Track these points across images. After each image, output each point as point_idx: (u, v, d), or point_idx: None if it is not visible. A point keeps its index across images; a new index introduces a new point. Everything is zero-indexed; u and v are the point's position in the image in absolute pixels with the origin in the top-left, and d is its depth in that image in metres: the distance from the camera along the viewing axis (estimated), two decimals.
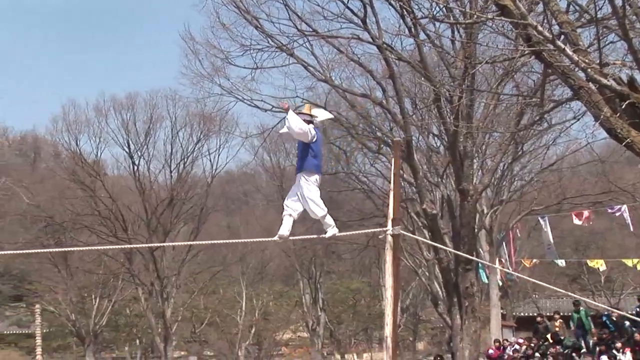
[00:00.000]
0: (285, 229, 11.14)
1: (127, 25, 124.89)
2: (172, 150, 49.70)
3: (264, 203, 63.25)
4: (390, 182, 11.34)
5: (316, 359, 52.02)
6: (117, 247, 45.55)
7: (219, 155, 51.26)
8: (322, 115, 11.68)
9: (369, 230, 21.76)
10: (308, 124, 10.87)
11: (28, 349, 52.17)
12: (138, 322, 56.12)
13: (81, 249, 43.17)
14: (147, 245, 43.97)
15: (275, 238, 11.34)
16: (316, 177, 11.09)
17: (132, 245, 42.73)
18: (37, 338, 50.54)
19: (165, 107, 49.57)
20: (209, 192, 51.63)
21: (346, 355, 55.44)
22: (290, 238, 11.67)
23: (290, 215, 11.13)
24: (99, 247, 43.59)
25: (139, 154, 50.01)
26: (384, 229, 10.43)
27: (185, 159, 49.88)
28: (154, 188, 50.50)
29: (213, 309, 53.39)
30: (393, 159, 10.82)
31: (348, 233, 27.34)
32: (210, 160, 51.41)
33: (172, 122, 49.74)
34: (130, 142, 49.73)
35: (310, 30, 23.36)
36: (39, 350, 50.05)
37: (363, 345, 59.12)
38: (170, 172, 50.09)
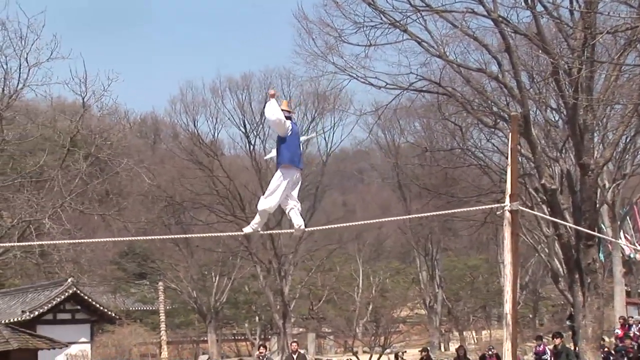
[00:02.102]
0: (298, 220, 11.16)
1: (241, 7, 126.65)
2: None
3: (379, 180, 63.35)
4: (507, 158, 11.21)
5: (434, 336, 51.91)
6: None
7: (333, 133, 51.68)
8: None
9: (487, 207, 21.56)
10: (287, 119, 10.98)
11: (153, 324, 53.84)
12: (257, 299, 57.20)
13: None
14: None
15: (245, 231, 11.46)
16: (292, 171, 11.01)
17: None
18: (161, 314, 52.06)
19: (279, 86, 50.10)
20: (324, 170, 52.05)
21: (464, 333, 55.13)
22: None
23: (292, 208, 11.10)
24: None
25: (255, 133, 50.85)
26: (502, 205, 10.34)
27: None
28: (269, 167, 51.22)
29: (330, 287, 53.91)
30: (510, 134, 10.70)
31: (465, 209, 27.23)
32: (325, 139, 51.82)
33: (287, 101, 50.22)
34: (246, 121, 50.58)
35: (424, 5, 23.15)
36: (163, 326, 51.56)
37: (481, 322, 58.65)
38: None
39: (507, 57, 23.52)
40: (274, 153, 11.27)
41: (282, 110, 11.04)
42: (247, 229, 11.29)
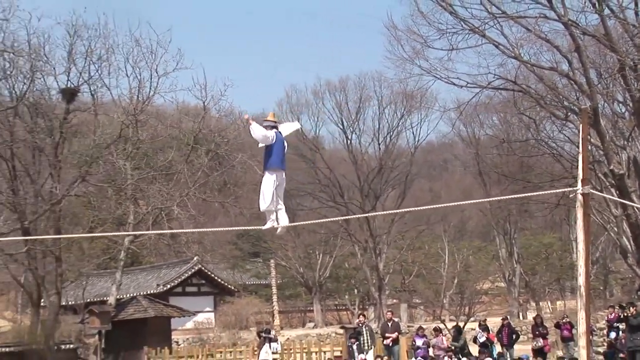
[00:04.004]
0: (283, 220, 11.29)
1: (337, 19, 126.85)
2: (379, 125, 50.35)
3: (462, 169, 62.63)
4: (578, 147, 10.95)
5: (513, 306, 51.07)
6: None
7: (420, 128, 51.72)
8: (289, 128, 11.76)
9: (561, 190, 21.06)
10: (272, 128, 11.15)
11: (266, 296, 54.59)
12: (355, 274, 57.30)
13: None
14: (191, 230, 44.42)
15: (278, 230, 11.54)
16: (276, 173, 11.12)
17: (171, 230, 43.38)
18: (272, 288, 52.79)
19: (372, 88, 50.27)
20: (412, 161, 51.86)
21: (540, 303, 54.07)
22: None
23: (280, 209, 11.26)
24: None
25: (351, 129, 51.08)
26: (575, 188, 10.09)
27: (391, 133, 50.40)
28: (365, 159, 51.36)
29: (420, 263, 53.60)
30: (581, 126, 10.41)
31: (540, 193, 26.66)
32: (413, 133, 51.74)
33: (378, 100, 50.27)
34: (344, 119, 50.87)
35: (500, 12, 22.78)
36: (274, 298, 52.29)
37: (556, 294, 57.38)
38: (379, 144, 50.80)
39: (576, 56, 22.94)
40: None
41: (269, 120, 11.33)
42: (267, 225, 11.38)
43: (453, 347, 24.77)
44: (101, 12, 57.95)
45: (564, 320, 26.54)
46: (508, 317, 30.24)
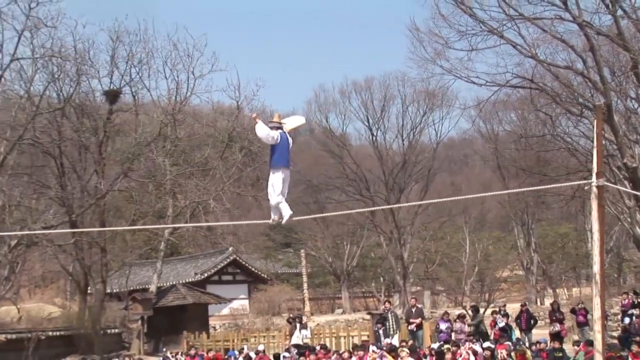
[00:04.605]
0: (286, 211, 11.06)
1: (360, 21, 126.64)
2: (403, 122, 50.25)
3: (481, 164, 62.31)
4: (593, 141, 10.86)
5: (531, 293, 50.73)
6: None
7: (442, 125, 51.55)
8: (294, 122, 11.58)
9: (576, 183, 20.83)
10: (277, 129, 10.94)
11: (297, 284, 54.74)
12: (381, 263, 57.24)
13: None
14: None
15: (284, 221, 11.15)
16: (281, 171, 10.97)
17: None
18: (303, 276, 52.93)
19: (396, 87, 50.16)
20: (434, 156, 51.69)
21: (557, 290, 53.67)
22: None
23: (281, 202, 11.06)
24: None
25: (377, 126, 50.97)
26: (590, 181, 10.01)
27: (414, 129, 50.28)
28: (389, 154, 51.23)
29: (442, 252, 53.41)
30: (595, 121, 10.33)
31: (557, 185, 26.48)
32: (435, 129, 51.72)
33: (402, 99, 50.16)
34: (369, 117, 50.81)
35: (517, 14, 22.64)
36: (305, 285, 52.44)
37: (572, 281, 56.93)
38: (402, 140, 50.69)
39: (591, 55, 22.72)
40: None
41: (274, 122, 11.14)
42: (274, 218, 11.19)
43: (470, 327, 24.70)
44: (141, 18, 58.39)
45: (579, 306, 26.32)
46: (526, 303, 30.06)
